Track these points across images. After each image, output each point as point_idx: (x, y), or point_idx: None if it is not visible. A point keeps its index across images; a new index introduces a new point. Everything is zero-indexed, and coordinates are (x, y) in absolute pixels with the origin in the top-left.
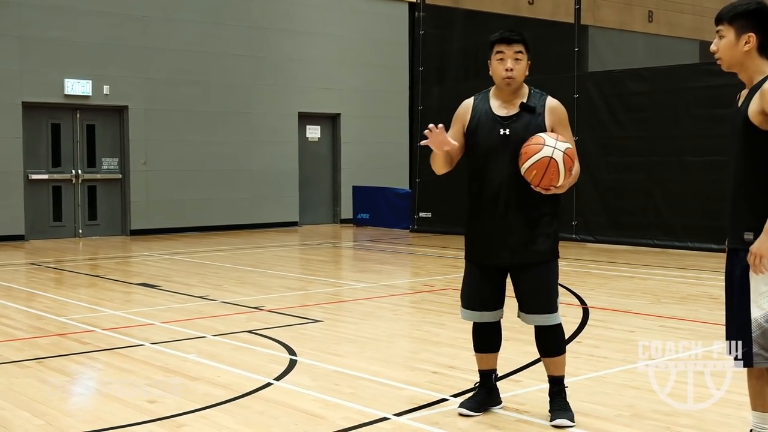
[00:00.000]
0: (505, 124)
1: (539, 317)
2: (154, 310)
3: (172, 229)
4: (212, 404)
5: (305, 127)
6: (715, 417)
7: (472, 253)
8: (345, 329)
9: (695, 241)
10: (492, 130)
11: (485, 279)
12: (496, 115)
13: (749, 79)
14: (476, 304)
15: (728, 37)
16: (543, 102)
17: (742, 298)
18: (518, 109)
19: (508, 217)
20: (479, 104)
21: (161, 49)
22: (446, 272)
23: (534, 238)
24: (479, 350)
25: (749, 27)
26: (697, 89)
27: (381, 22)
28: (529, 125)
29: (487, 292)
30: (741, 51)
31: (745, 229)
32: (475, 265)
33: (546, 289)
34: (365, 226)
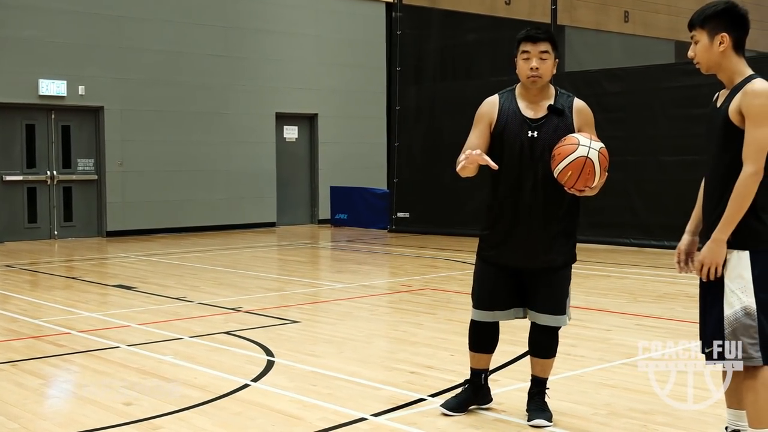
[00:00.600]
0: (533, 126)
1: (550, 318)
2: (130, 312)
3: (149, 231)
4: (189, 406)
5: (282, 128)
6: (691, 414)
7: (488, 253)
8: (322, 330)
9: (672, 240)
10: (520, 131)
11: (500, 279)
12: (525, 117)
13: (729, 79)
14: (488, 304)
15: (702, 41)
16: (570, 103)
17: (716, 297)
18: (546, 111)
19: (531, 221)
20: (506, 103)
21: (137, 49)
22: (424, 272)
23: (555, 244)
24: (476, 350)
25: (721, 27)
26: (673, 89)
27: (358, 22)
28: (558, 128)
29: (500, 292)
30: (717, 52)
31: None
32: (489, 265)
33: (560, 291)
34: (343, 227)
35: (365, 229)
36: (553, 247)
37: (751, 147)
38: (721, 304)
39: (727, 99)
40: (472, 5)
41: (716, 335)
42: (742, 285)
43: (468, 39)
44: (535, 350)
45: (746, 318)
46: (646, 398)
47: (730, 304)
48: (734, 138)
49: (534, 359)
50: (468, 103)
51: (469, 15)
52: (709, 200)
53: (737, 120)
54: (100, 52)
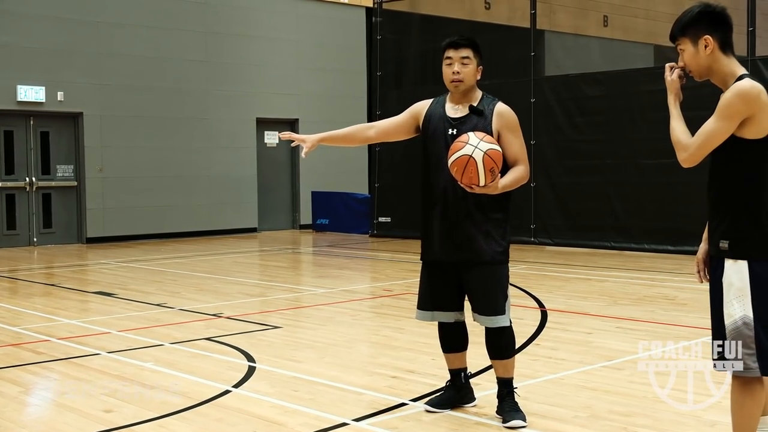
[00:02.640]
0: (453, 124)
1: (485, 318)
2: (110, 319)
3: (129, 237)
4: (169, 412)
5: (263, 133)
6: (671, 417)
7: (423, 252)
8: (304, 335)
9: (651, 242)
10: (441, 130)
11: (437, 278)
12: (447, 116)
13: (723, 82)
14: (427, 304)
15: (688, 49)
16: (492, 106)
17: (716, 305)
18: (467, 111)
19: (455, 214)
20: (435, 106)
21: (116, 54)
22: (405, 277)
23: (479, 236)
24: (444, 350)
25: (702, 30)
26: (652, 93)
27: (338, 27)
28: (476, 127)
29: (438, 292)
30: (704, 56)
31: (722, 237)
32: (426, 265)
33: (492, 290)
34: (324, 232)
35: (347, 234)
36: (478, 239)
37: (700, 137)
38: (721, 313)
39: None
40: (452, 10)
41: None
42: (741, 295)
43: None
44: (490, 352)
45: (744, 328)
46: (626, 400)
47: (730, 314)
48: (730, 143)
49: (493, 361)
50: None
51: (449, 20)
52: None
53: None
54: (79, 58)
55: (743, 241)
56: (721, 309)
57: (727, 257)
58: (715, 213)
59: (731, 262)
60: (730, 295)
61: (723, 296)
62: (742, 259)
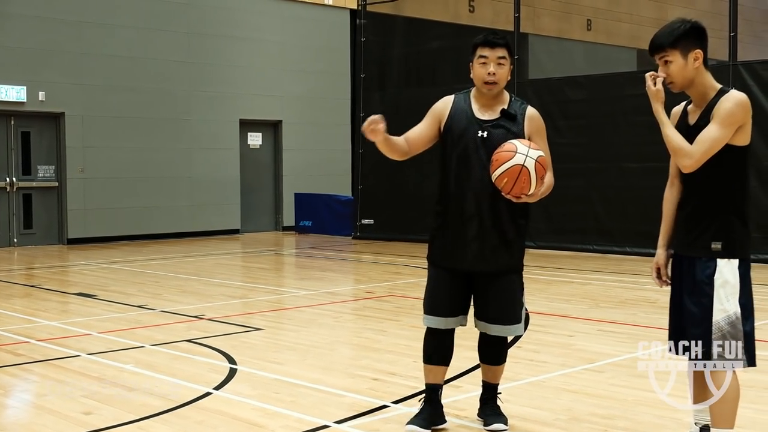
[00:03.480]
0: (484, 126)
1: (501, 327)
2: (91, 320)
3: (111, 238)
4: (150, 415)
5: (246, 134)
6: (651, 419)
7: (438, 256)
8: (286, 337)
9: (634, 246)
10: (469, 131)
11: (452, 283)
12: (476, 117)
13: (702, 94)
14: (442, 310)
15: (676, 61)
16: (523, 110)
17: (705, 304)
18: (499, 115)
19: (480, 222)
20: (459, 103)
21: (99, 54)
22: (388, 279)
23: (505, 244)
24: (430, 362)
25: (693, 44)
26: (635, 97)
27: (322, 28)
28: (508, 132)
29: (453, 297)
30: (692, 69)
31: (713, 239)
32: (440, 270)
33: (513, 298)
34: (307, 234)
35: (329, 236)
36: (503, 249)
37: (705, 144)
38: (710, 310)
39: (704, 116)
40: (436, 13)
41: (703, 338)
42: (730, 291)
43: (432, 46)
44: (486, 357)
45: (738, 323)
46: (607, 403)
47: (720, 309)
48: (723, 153)
49: (485, 366)
50: None
51: (433, 22)
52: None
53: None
54: (61, 58)
55: (735, 241)
56: (710, 306)
57: (720, 257)
58: (699, 217)
59: (725, 261)
60: (726, 292)
61: (714, 294)
62: (734, 258)
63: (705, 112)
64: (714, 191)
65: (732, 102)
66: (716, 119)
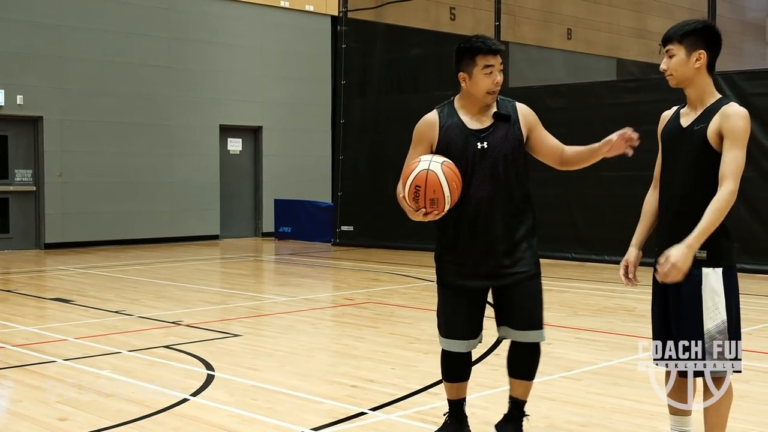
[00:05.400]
0: (481, 137)
1: (531, 333)
2: (67, 326)
3: (89, 243)
4: (126, 421)
5: (227, 140)
6: (628, 427)
7: (452, 277)
8: (264, 343)
9: (612, 254)
10: (467, 145)
11: (469, 304)
12: (471, 129)
13: (699, 97)
14: (460, 333)
15: (679, 55)
16: (514, 108)
17: (694, 312)
18: (492, 120)
19: (492, 235)
20: (447, 119)
21: (78, 59)
22: (367, 286)
23: (520, 253)
24: (452, 380)
25: (699, 45)
26: (614, 106)
27: (303, 34)
28: (507, 134)
29: (472, 318)
30: (692, 68)
31: (698, 247)
32: (455, 291)
33: (538, 303)
34: (287, 240)
35: (309, 242)
36: (519, 256)
37: (732, 166)
38: (700, 319)
39: (700, 120)
40: (417, 20)
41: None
42: (717, 300)
43: (412, 53)
44: (518, 371)
45: (723, 330)
46: (584, 411)
47: (711, 318)
48: (712, 159)
49: (515, 381)
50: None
51: (414, 29)
52: (678, 216)
53: (716, 142)
54: (40, 62)
55: (720, 249)
56: (700, 315)
57: (705, 266)
58: (683, 225)
59: (710, 269)
60: (714, 301)
61: (702, 303)
62: (720, 267)
63: (702, 117)
64: (698, 199)
65: (744, 120)
66: (735, 142)
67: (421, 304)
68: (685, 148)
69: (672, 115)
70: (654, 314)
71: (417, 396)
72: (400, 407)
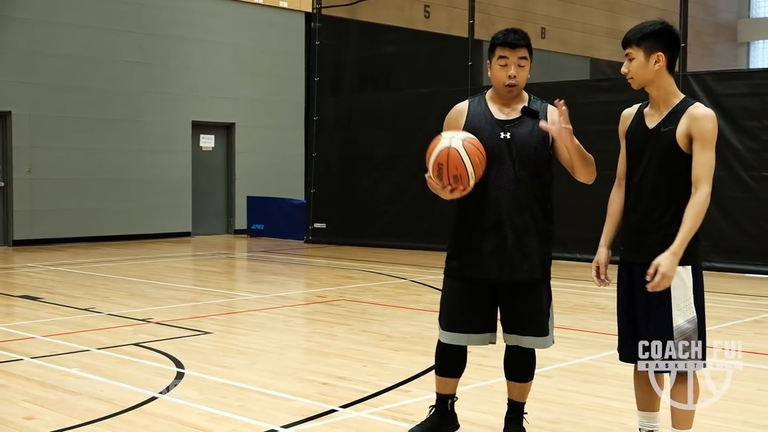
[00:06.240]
0: (506, 127)
1: (535, 340)
2: (35, 324)
3: (58, 240)
4: (94, 419)
5: (199, 136)
6: (598, 423)
7: (458, 268)
8: (236, 341)
9: (583, 252)
10: (491, 134)
11: (474, 297)
12: (497, 119)
13: (662, 97)
14: (463, 326)
15: (638, 58)
16: (545, 108)
17: (664, 309)
18: (520, 114)
19: (503, 230)
20: (475, 107)
21: (48, 53)
22: (339, 283)
23: (536, 252)
24: (443, 374)
25: (657, 47)
26: (587, 105)
27: (277, 31)
28: (533, 130)
29: (476, 313)
30: (652, 70)
31: (666, 246)
32: (460, 282)
33: (545, 309)
34: (260, 237)
35: (282, 239)
36: (534, 256)
37: (705, 169)
38: (669, 315)
39: (668, 122)
40: (391, 17)
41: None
42: (687, 297)
43: (386, 51)
44: (514, 374)
45: (692, 326)
46: (554, 408)
47: (681, 313)
48: (680, 160)
49: (512, 383)
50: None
51: (388, 27)
52: (645, 218)
53: (684, 144)
54: (8, 56)
55: (688, 248)
56: (669, 313)
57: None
58: (651, 225)
59: (680, 267)
60: (685, 296)
61: (672, 301)
62: (688, 265)
63: (669, 118)
64: (666, 199)
65: (713, 122)
66: (706, 144)
67: (394, 301)
68: (652, 150)
69: (635, 114)
70: (621, 312)
71: (388, 393)
72: (371, 404)
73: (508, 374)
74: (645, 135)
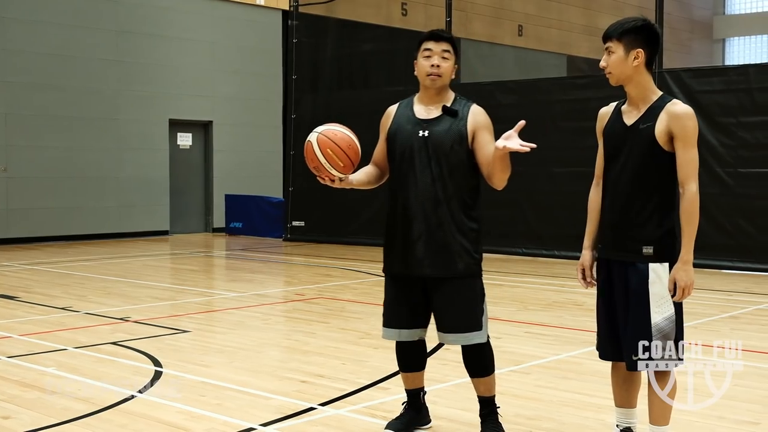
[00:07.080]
0: (424, 126)
1: (458, 336)
2: (11, 323)
3: (34, 239)
4: (71, 419)
5: (176, 135)
6: (575, 420)
7: (388, 264)
8: (214, 339)
9: (562, 249)
10: (411, 132)
11: (403, 293)
12: (417, 118)
13: (640, 94)
14: (393, 322)
15: (618, 53)
16: (467, 108)
17: (642, 307)
18: (440, 112)
19: (423, 225)
20: (402, 109)
21: (22, 51)
22: (318, 281)
23: (452, 249)
24: (402, 369)
25: (638, 43)
26: (564, 102)
27: (254, 29)
28: (451, 128)
29: (404, 309)
30: (630, 66)
31: (644, 244)
32: (390, 278)
33: (467, 305)
34: (238, 235)
35: (260, 237)
36: (450, 252)
37: (690, 167)
38: (647, 313)
39: (646, 119)
40: (369, 15)
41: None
42: (665, 294)
43: (364, 48)
44: (470, 371)
45: (670, 323)
46: (532, 404)
47: (659, 311)
48: (659, 157)
49: (474, 380)
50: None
51: (366, 25)
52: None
53: (664, 141)
54: None
55: (666, 246)
56: (647, 310)
57: (652, 261)
58: (629, 222)
59: (657, 265)
60: (663, 294)
61: (650, 298)
62: (666, 262)
63: (647, 115)
64: (643, 196)
65: (693, 120)
66: (688, 142)
67: (372, 299)
68: (630, 147)
69: (612, 112)
70: (599, 310)
71: (367, 391)
72: (349, 402)
73: (468, 372)
74: (623, 132)
